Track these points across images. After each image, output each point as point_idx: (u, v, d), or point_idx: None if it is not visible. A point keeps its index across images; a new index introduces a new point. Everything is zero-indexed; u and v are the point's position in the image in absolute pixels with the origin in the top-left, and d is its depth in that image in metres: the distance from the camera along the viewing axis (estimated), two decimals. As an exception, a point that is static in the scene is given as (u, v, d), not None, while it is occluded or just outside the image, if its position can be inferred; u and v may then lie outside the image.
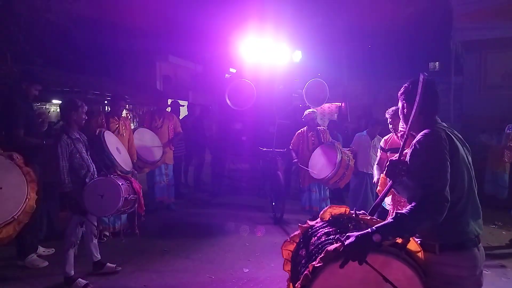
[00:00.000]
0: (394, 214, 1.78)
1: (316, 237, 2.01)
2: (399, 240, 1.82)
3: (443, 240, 1.86)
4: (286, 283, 2.17)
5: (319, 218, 2.16)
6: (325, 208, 2.18)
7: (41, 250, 4.53)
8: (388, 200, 3.67)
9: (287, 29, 7.64)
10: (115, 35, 12.11)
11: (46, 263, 4.27)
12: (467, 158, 1.97)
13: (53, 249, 4.58)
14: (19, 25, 9.81)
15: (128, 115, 13.84)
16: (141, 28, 12.75)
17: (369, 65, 15.88)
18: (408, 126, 2.02)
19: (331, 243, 1.83)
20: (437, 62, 15.59)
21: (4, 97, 4.20)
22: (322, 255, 1.74)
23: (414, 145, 1.92)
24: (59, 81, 10.78)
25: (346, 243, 1.69)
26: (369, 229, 1.73)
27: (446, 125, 2.05)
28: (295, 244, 2.19)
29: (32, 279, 3.95)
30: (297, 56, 7.93)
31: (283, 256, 2.24)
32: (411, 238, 1.86)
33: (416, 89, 2.01)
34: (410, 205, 1.79)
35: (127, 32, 12.40)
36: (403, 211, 1.77)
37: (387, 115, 4.06)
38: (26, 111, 4.12)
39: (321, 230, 2.04)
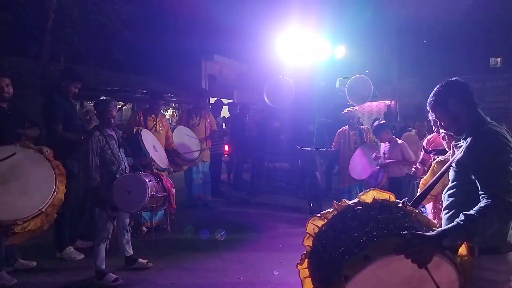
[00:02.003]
0: (461, 215, 1.68)
1: (360, 221, 1.84)
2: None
3: (483, 243, 1.79)
4: (301, 257, 2.04)
5: (357, 199, 1.98)
6: (367, 190, 2.00)
7: (79, 243, 4.70)
8: (429, 209, 3.35)
9: (330, 22, 7.36)
10: (162, 35, 12.45)
11: (82, 256, 4.41)
12: None
13: (91, 242, 4.71)
14: (74, 27, 10.44)
15: (174, 113, 14.24)
16: (187, 28, 13.00)
17: (423, 61, 14.96)
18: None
19: (384, 233, 1.70)
20: (500, 58, 14.35)
21: (45, 94, 4.39)
22: (378, 245, 1.63)
23: (475, 141, 1.82)
24: (110, 80, 11.29)
25: (411, 241, 1.57)
26: (436, 231, 1.65)
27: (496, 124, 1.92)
28: (325, 221, 2.00)
29: (66, 271, 4.09)
30: (341, 51, 7.60)
31: (305, 230, 2.06)
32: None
33: (455, 84, 2.01)
34: (477, 206, 1.69)
35: (173, 32, 12.72)
36: (470, 212, 1.67)
37: (430, 117, 3.72)
38: (65, 108, 4.26)
39: (367, 214, 1.87)
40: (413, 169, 4.09)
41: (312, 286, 1.97)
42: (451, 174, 1.99)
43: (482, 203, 1.69)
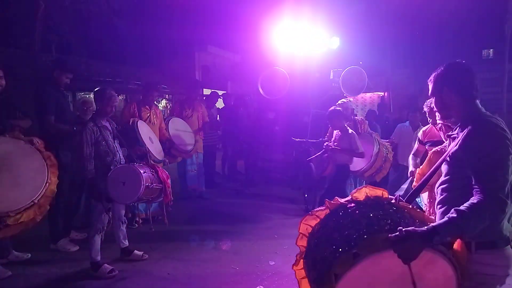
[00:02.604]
0: (453, 211, 1.63)
1: (352, 219, 1.82)
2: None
3: (480, 238, 1.73)
4: (296, 258, 2.03)
5: (350, 197, 1.97)
6: (360, 187, 1.99)
7: (73, 234, 4.67)
8: (424, 199, 3.36)
9: (324, 13, 7.32)
10: (154, 25, 12.31)
11: (77, 247, 4.40)
12: None
13: (86, 234, 4.68)
14: (64, 16, 10.27)
15: (168, 104, 14.15)
16: (180, 18, 12.87)
17: (416, 52, 15.01)
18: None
19: (375, 229, 1.69)
20: (492, 50, 14.45)
21: (36, 85, 4.32)
22: (367, 242, 1.61)
23: (472, 132, 1.73)
24: (102, 71, 11.17)
25: (399, 237, 1.55)
26: (427, 228, 1.60)
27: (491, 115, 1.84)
28: (318, 220, 2.00)
29: (62, 263, 4.08)
30: (335, 42, 7.58)
31: (299, 230, 2.05)
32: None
33: (455, 72, 1.88)
34: (469, 202, 1.64)
35: (166, 22, 12.57)
36: (462, 209, 1.62)
37: (425, 108, 3.74)
38: (57, 99, 4.21)
39: (358, 211, 1.85)
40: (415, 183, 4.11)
41: (309, 287, 1.95)
42: (444, 168, 1.92)
43: (474, 199, 1.65)
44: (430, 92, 1.96)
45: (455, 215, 1.61)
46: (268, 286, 3.71)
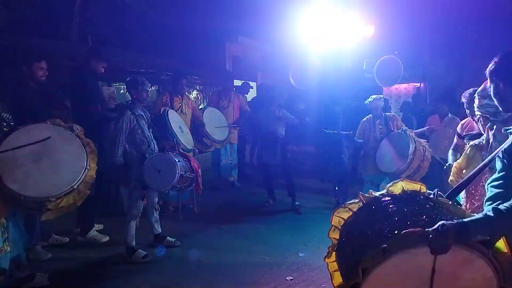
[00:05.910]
0: (490, 209, 1.53)
1: (385, 213, 1.76)
2: None
3: None
4: (328, 250, 2.00)
5: (385, 191, 1.90)
6: (396, 181, 1.91)
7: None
8: (461, 193, 3.21)
9: (359, 0, 7.10)
10: (186, 16, 12.39)
11: (107, 238, 4.45)
12: None
13: (102, 224, 4.71)
14: (100, 8, 10.52)
15: (198, 95, 14.29)
16: (211, 8, 12.88)
17: (457, 41, 14.29)
18: None
19: (407, 225, 1.61)
20: (539, 37, 13.56)
21: (74, 75, 4.43)
22: (398, 237, 1.54)
23: None
24: (136, 62, 11.38)
25: (432, 230, 1.47)
26: (457, 222, 1.50)
27: None
28: (351, 213, 1.94)
29: (98, 247, 4.26)
30: (370, 31, 7.34)
31: (331, 222, 2.00)
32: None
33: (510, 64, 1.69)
34: (510, 201, 1.52)
35: (198, 13, 12.63)
36: (501, 208, 1.51)
37: (463, 99, 3.56)
38: (96, 88, 4.31)
39: (393, 206, 1.79)
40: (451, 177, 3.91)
41: (341, 280, 1.92)
42: (498, 164, 1.79)
43: None
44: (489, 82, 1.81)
45: (491, 214, 1.50)
46: (297, 278, 3.70)
